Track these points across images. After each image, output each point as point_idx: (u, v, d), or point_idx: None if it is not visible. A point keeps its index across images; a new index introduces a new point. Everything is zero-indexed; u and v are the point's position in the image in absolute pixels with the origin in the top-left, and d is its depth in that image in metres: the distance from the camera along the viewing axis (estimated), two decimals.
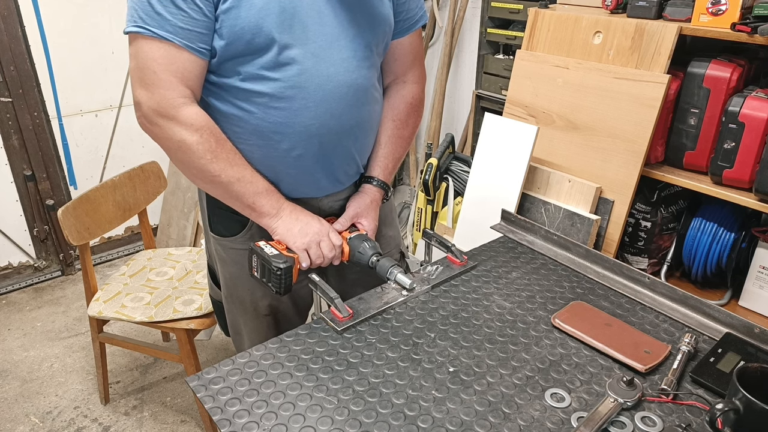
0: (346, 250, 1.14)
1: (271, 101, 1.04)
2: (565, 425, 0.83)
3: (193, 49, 0.96)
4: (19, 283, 2.80)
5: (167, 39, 0.95)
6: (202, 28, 0.96)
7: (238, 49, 0.99)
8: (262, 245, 1.07)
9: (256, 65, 1.01)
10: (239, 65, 1.01)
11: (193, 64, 0.98)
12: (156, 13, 0.94)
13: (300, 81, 1.03)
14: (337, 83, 1.07)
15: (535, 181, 1.76)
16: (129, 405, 2.09)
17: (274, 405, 0.86)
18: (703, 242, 1.61)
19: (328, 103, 1.07)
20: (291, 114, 1.05)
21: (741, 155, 1.43)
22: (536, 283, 1.18)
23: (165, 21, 0.94)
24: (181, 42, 0.95)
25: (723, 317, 1.05)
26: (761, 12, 1.39)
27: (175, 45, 0.95)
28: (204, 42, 0.97)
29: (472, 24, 2.69)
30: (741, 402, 0.75)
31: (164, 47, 0.95)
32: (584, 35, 1.67)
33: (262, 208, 1.07)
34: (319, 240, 1.10)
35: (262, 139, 1.07)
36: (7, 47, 2.45)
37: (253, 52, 0.99)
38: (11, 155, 2.61)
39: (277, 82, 1.02)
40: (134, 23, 0.95)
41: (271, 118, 1.05)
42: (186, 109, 0.99)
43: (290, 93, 1.03)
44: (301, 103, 1.05)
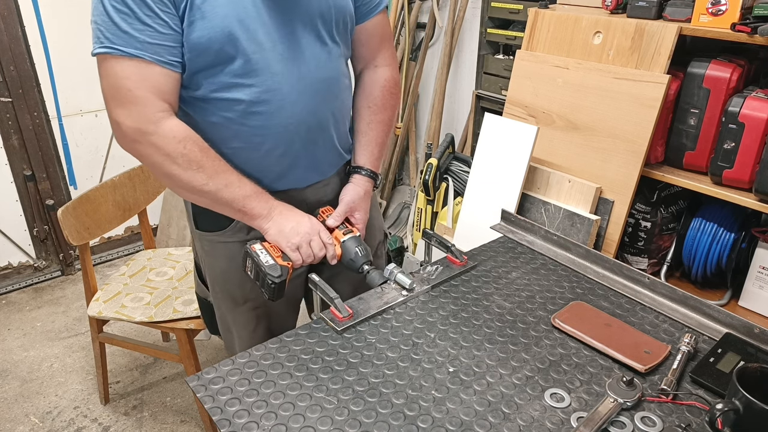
0: (339, 252, 1.15)
1: (249, 107, 1.06)
2: (565, 425, 0.83)
3: (164, 63, 0.97)
4: (19, 283, 2.80)
5: (137, 56, 0.95)
6: (170, 41, 0.97)
7: (207, 60, 1.00)
8: (257, 249, 1.08)
9: (227, 74, 1.02)
10: (211, 76, 1.02)
11: (166, 78, 0.99)
12: (122, 31, 0.94)
13: (273, 84, 1.05)
14: (310, 80, 1.10)
15: (535, 181, 1.76)
16: (129, 405, 2.09)
17: (274, 405, 0.86)
18: (703, 242, 1.61)
19: (303, 101, 1.10)
20: (269, 117, 1.07)
21: (741, 155, 1.43)
22: (536, 283, 1.18)
23: (132, 38, 0.94)
24: (151, 57, 0.95)
25: (723, 317, 1.05)
26: (761, 12, 1.39)
27: (145, 61, 0.95)
28: (173, 55, 0.98)
29: (472, 24, 2.69)
30: (741, 402, 0.75)
31: (135, 64, 0.95)
32: (584, 35, 1.67)
33: (253, 211, 1.08)
34: (310, 239, 1.10)
35: (244, 143, 1.10)
36: (7, 47, 2.45)
37: (221, 62, 1.01)
38: (11, 155, 2.61)
39: (251, 88, 1.04)
40: (101, 44, 0.95)
41: (251, 123, 1.08)
42: (165, 122, 0.99)
43: (265, 97, 1.06)
44: (278, 105, 1.07)
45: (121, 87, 0.97)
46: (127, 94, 0.97)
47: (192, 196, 1.07)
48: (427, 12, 2.83)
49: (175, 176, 1.02)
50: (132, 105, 0.97)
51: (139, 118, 0.98)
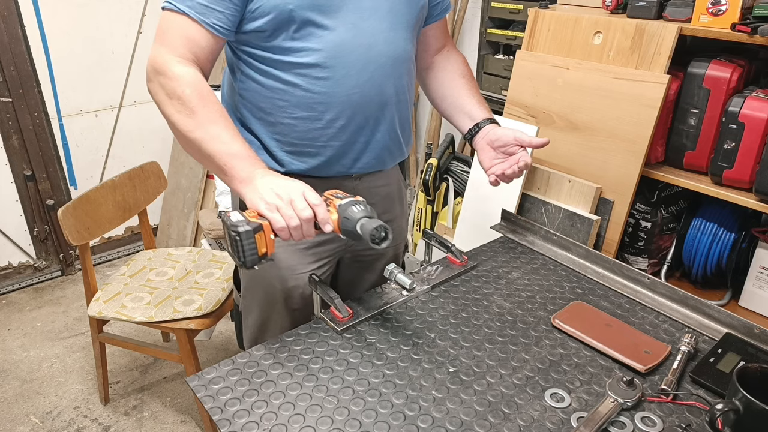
0: (335, 218, 0.96)
1: (315, 71, 1.07)
2: (565, 425, 0.83)
3: (207, 24, 1.02)
4: (19, 283, 2.80)
5: (184, 12, 1.01)
6: (222, 6, 1.01)
7: (281, 22, 1.03)
8: (231, 215, 0.94)
9: (298, 37, 1.05)
10: (283, 39, 1.05)
11: (204, 38, 1.03)
12: None
13: (341, 50, 1.07)
14: (377, 53, 1.11)
15: (535, 182, 1.76)
16: (129, 405, 2.09)
17: (274, 405, 0.86)
18: (703, 242, 1.61)
19: (368, 71, 1.10)
20: (334, 83, 1.09)
21: (741, 155, 1.43)
22: (536, 284, 1.18)
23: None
24: (196, 16, 1.01)
25: (723, 317, 1.05)
26: (761, 12, 1.39)
27: (190, 17, 1.01)
28: (220, 20, 1.02)
29: (472, 24, 2.69)
30: (741, 402, 0.75)
31: (181, 18, 1.02)
32: (584, 35, 1.67)
33: (233, 171, 1.00)
34: (290, 198, 0.94)
35: (306, 111, 1.11)
36: (7, 47, 2.45)
37: (295, 25, 1.04)
38: (11, 155, 2.61)
39: (320, 52, 1.06)
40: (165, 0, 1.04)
41: (316, 89, 1.09)
42: (180, 66, 1.01)
43: (332, 62, 1.07)
44: (343, 72, 1.08)
45: (162, 31, 1.04)
46: (162, 35, 1.03)
47: (183, 143, 1.06)
48: None
49: (169, 117, 1.03)
50: (160, 45, 1.03)
51: (158, 56, 1.02)
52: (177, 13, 1.02)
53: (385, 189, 1.29)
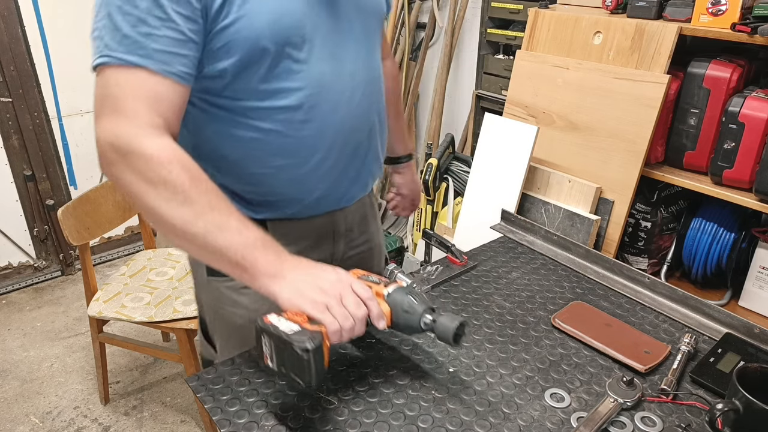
0: (387, 311, 0.84)
1: (297, 114, 0.92)
2: (565, 425, 0.83)
3: (170, 74, 0.80)
4: (19, 283, 2.80)
5: (138, 65, 0.78)
6: (183, 48, 0.80)
7: (252, 61, 0.86)
8: (273, 320, 0.77)
9: (273, 78, 0.89)
10: (255, 82, 0.89)
11: (170, 91, 0.81)
12: (124, 36, 0.78)
13: (323, 86, 0.93)
14: (360, 80, 0.99)
15: (535, 181, 1.76)
16: (129, 405, 2.09)
17: (274, 405, 0.86)
18: (703, 242, 1.61)
19: (354, 102, 0.99)
20: (320, 124, 0.95)
21: (741, 155, 1.43)
22: (536, 284, 1.18)
23: (135, 44, 0.78)
24: (155, 66, 0.79)
25: (723, 317, 1.05)
26: (761, 12, 1.39)
27: (147, 70, 0.79)
28: (185, 66, 0.81)
29: (472, 24, 2.69)
30: (741, 402, 0.75)
31: (133, 73, 0.79)
32: (584, 35, 1.67)
33: (255, 265, 0.79)
34: (339, 293, 0.80)
35: (290, 158, 0.95)
36: (7, 47, 2.45)
37: (268, 62, 0.88)
38: (11, 155, 2.61)
39: (300, 91, 0.91)
40: (99, 54, 0.80)
41: (301, 133, 0.94)
42: (151, 140, 0.79)
43: (315, 101, 0.93)
44: (329, 108, 0.95)
45: (108, 96, 0.80)
46: (113, 103, 0.79)
47: (177, 239, 0.82)
48: (427, 12, 2.83)
49: (155, 210, 0.79)
50: (115, 116, 0.79)
51: (118, 132, 0.79)
52: (128, 68, 0.78)
53: (361, 210, 1.17)
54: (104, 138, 0.80)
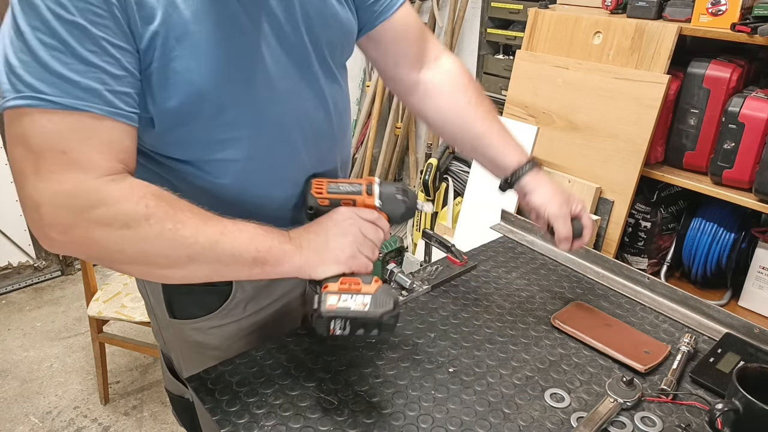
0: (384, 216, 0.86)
1: (250, 163, 0.82)
2: (565, 425, 0.83)
3: (118, 116, 0.67)
4: (19, 283, 2.80)
5: (79, 109, 0.64)
6: (126, 85, 0.68)
7: (193, 109, 0.74)
8: (336, 303, 0.75)
9: (218, 126, 0.78)
10: (196, 132, 0.77)
11: (122, 134, 0.69)
12: (54, 74, 0.63)
13: (281, 133, 0.83)
14: (319, 120, 0.88)
15: None
16: (129, 405, 2.09)
17: (274, 405, 0.86)
18: (703, 242, 1.62)
19: (315, 144, 0.89)
20: (275, 175, 0.86)
21: (741, 155, 1.43)
22: (536, 283, 1.18)
23: (71, 84, 0.64)
24: (100, 110, 0.66)
25: (723, 317, 1.05)
26: (761, 12, 1.39)
27: (91, 114, 0.65)
28: (129, 104, 0.69)
29: (472, 24, 2.69)
30: (741, 402, 0.75)
31: (74, 117, 0.65)
32: (584, 35, 1.67)
33: (273, 252, 0.76)
34: (360, 231, 0.80)
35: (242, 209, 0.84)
36: None
37: (210, 111, 0.76)
38: None
39: (249, 140, 0.81)
40: (18, 94, 0.63)
41: (250, 182, 0.84)
42: (116, 185, 0.68)
43: (273, 149, 0.83)
44: (287, 157, 0.86)
45: (50, 149, 0.65)
46: (59, 158, 0.65)
47: (180, 272, 0.73)
48: (427, 12, 2.83)
49: (147, 252, 0.70)
50: (66, 172, 0.65)
51: (75, 189, 0.65)
52: (59, 113, 0.64)
53: None
54: (53, 202, 0.66)
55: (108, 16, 0.65)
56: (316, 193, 0.86)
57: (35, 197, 0.67)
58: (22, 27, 0.63)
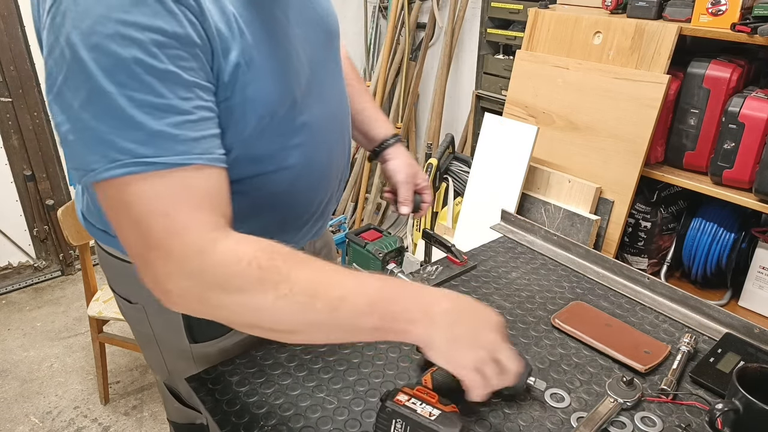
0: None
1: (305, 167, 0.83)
2: (565, 425, 0.83)
3: (216, 161, 0.64)
4: (19, 283, 2.80)
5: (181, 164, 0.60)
6: (214, 126, 0.65)
7: (264, 128, 0.74)
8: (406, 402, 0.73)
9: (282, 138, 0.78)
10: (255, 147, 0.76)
11: (220, 181, 0.65)
12: (151, 132, 0.58)
13: (325, 131, 0.86)
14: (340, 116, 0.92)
15: (535, 182, 1.76)
16: (129, 405, 2.09)
17: (275, 405, 0.86)
18: (703, 242, 1.62)
19: (338, 143, 0.91)
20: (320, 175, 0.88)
21: (741, 155, 1.43)
22: (536, 283, 1.18)
23: (172, 139, 0.59)
24: (201, 160, 0.62)
25: (723, 317, 1.05)
26: (761, 12, 1.39)
27: (191, 167, 0.61)
28: (220, 147, 0.66)
29: (472, 24, 2.69)
30: (741, 402, 0.75)
31: (173, 176, 0.60)
32: (584, 35, 1.67)
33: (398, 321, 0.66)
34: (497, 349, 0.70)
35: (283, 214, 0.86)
36: (7, 47, 2.45)
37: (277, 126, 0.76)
38: (11, 155, 2.61)
39: (301, 147, 0.81)
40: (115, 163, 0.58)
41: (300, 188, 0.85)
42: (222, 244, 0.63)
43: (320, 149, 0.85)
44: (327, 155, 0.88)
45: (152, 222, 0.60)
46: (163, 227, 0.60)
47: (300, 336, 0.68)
48: (427, 12, 2.83)
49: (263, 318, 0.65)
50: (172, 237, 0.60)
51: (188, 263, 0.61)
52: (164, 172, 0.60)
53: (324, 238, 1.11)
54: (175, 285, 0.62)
55: (191, 58, 0.61)
56: None
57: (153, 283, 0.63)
58: (104, 86, 0.57)
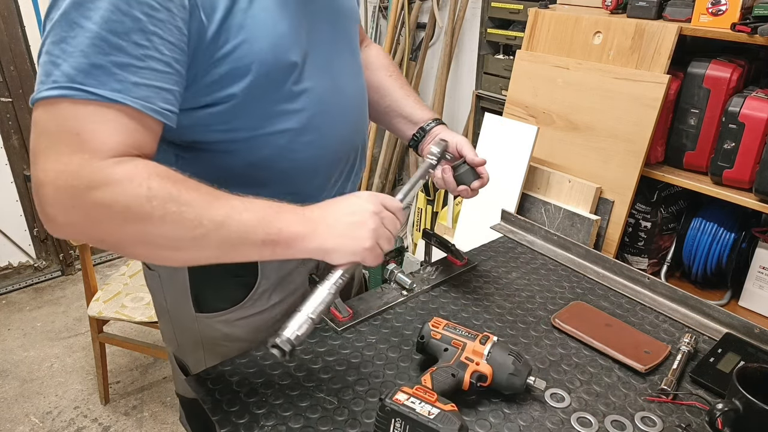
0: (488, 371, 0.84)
1: (298, 136, 0.86)
2: (565, 425, 0.83)
3: (152, 111, 0.68)
4: (19, 283, 2.80)
5: (112, 100, 0.64)
6: (167, 82, 0.69)
7: (256, 86, 0.78)
8: (404, 401, 0.75)
9: (273, 101, 0.82)
10: (252, 109, 0.81)
11: (148, 131, 0.70)
12: (93, 65, 0.64)
13: (323, 104, 0.88)
14: (352, 94, 0.95)
15: (535, 181, 1.76)
16: (129, 405, 2.09)
17: (275, 405, 0.86)
18: (703, 242, 1.62)
19: (349, 119, 0.94)
20: (320, 146, 0.89)
21: (741, 155, 1.43)
22: (536, 283, 1.18)
23: (110, 76, 0.64)
24: (134, 103, 0.66)
25: (723, 317, 1.05)
26: (761, 12, 1.39)
27: (123, 107, 0.66)
28: (168, 102, 0.70)
29: (472, 24, 2.69)
30: (741, 402, 0.75)
31: (103, 108, 0.65)
32: (584, 35, 1.67)
33: (283, 234, 0.73)
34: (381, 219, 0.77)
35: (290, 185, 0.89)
36: (7, 47, 2.45)
37: (270, 86, 0.80)
38: (11, 155, 2.61)
39: (302, 112, 0.85)
40: (54, 84, 0.63)
41: (299, 156, 0.87)
42: (120, 166, 0.66)
43: (316, 121, 0.87)
44: (329, 128, 0.90)
45: (65, 132, 0.64)
46: (72, 139, 0.64)
47: (185, 254, 0.72)
48: (427, 12, 2.83)
49: (150, 235, 0.68)
50: (72, 153, 0.64)
51: (77, 170, 0.64)
52: (96, 104, 0.64)
53: None
54: (55, 180, 0.64)
55: (163, 10, 0.66)
56: (433, 327, 0.90)
57: (40, 177, 0.65)
58: (69, 13, 0.63)
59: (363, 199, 0.79)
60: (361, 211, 0.77)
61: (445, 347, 0.88)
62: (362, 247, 0.75)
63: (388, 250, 0.78)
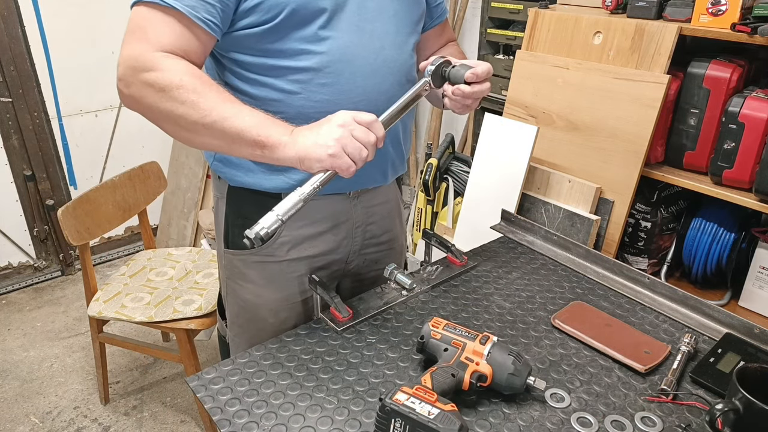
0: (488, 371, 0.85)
1: (316, 77, 0.98)
2: (565, 425, 0.83)
3: (197, 19, 0.88)
4: (19, 283, 2.80)
5: (171, 6, 0.87)
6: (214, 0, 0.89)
7: (286, 23, 0.93)
8: (405, 401, 0.76)
9: (299, 39, 0.95)
10: (281, 41, 0.95)
11: (195, 37, 0.90)
12: None
13: (346, 54, 0.98)
14: (385, 58, 1.03)
15: (535, 182, 1.76)
16: (129, 405, 2.09)
17: (274, 405, 0.86)
18: (703, 242, 1.61)
19: (376, 78, 1.02)
20: (338, 91, 0.99)
21: (741, 155, 1.43)
22: (536, 284, 1.18)
23: None
24: (186, 10, 0.87)
25: (723, 317, 1.05)
26: (761, 12, 1.39)
27: (177, 12, 0.87)
28: (212, 15, 0.90)
29: (472, 24, 2.69)
30: (741, 402, 0.75)
31: (165, 14, 0.88)
32: (584, 35, 1.67)
33: (271, 138, 0.87)
34: (350, 131, 0.85)
35: (305, 122, 0.95)
36: (7, 47, 2.45)
37: (298, 24, 0.94)
38: (11, 155, 2.61)
39: (322, 55, 0.97)
40: None
41: (317, 97, 0.99)
42: (168, 60, 0.88)
43: (337, 67, 0.98)
44: (349, 78, 0.99)
45: (138, 27, 0.89)
46: (141, 33, 0.88)
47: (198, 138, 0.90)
48: None
49: (170, 114, 0.88)
50: (139, 42, 0.88)
51: (140, 55, 0.87)
52: (159, 9, 0.88)
53: (386, 207, 1.21)
54: (124, 61, 0.88)
55: None
56: (433, 327, 0.91)
57: (119, 59, 0.89)
58: None
59: (337, 115, 0.88)
60: (329, 124, 0.87)
61: (445, 347, 0.88)
62: (326, 154, 0.84)
63: (362, 159, 0.85)
